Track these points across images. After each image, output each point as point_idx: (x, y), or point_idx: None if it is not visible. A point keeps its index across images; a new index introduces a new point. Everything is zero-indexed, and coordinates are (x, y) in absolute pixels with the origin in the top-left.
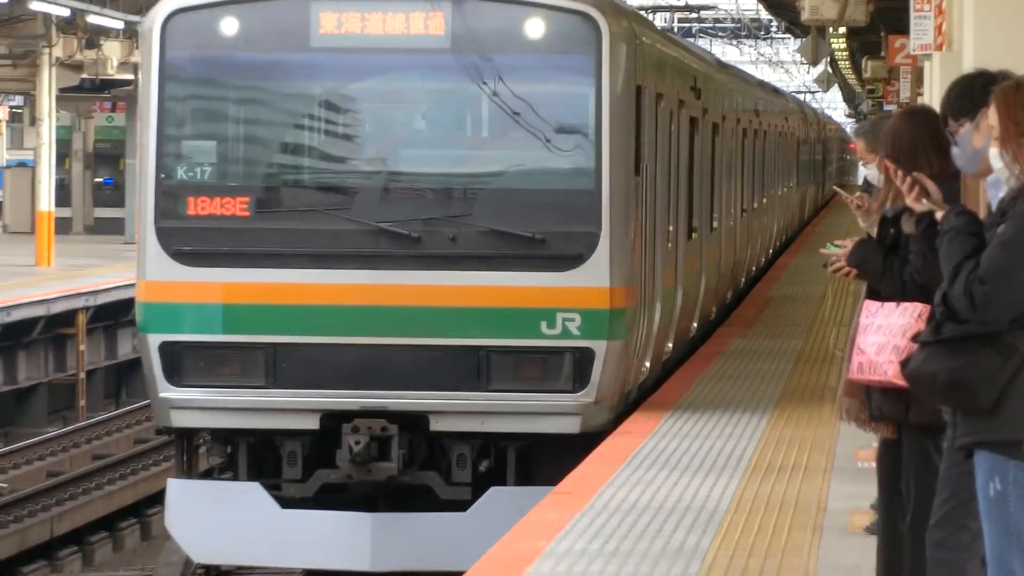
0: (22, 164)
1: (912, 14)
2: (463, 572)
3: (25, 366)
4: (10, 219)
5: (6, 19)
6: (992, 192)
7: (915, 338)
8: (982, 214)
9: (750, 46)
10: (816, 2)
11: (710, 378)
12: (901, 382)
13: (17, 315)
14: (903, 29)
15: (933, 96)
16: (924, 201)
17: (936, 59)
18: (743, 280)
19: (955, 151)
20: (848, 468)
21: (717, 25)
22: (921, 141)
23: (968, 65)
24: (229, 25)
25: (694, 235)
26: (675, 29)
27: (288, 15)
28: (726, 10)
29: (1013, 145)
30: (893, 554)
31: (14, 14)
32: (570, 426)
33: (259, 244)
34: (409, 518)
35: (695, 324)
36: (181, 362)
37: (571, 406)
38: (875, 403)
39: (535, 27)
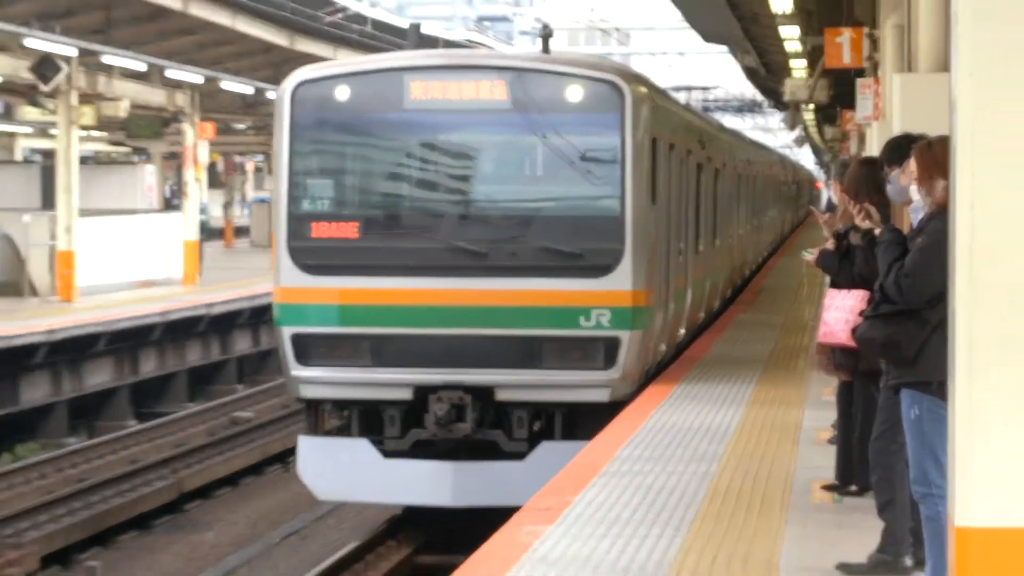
0: (262, 200)
1: (858, 95)
2: (520, 507)
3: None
4: (255, 237)
5: (251, 103)
6: (913, 215)
7: (861, 314)
8: (906, 230)
9: (748, 117)
10: (793, 87)
11: (724, 340)
12: (852, 344)
13: (259, 302)
14: (852, 105)
15: (873, 151)
16: (867, 221)
17: (875, 126)
18: (739, 281)
19: (889, 187)
20: (816, 401)
21: (727, 103)
22: (865, 181)
23: (897, 130)
24: (342, 92)
25: (700, 249)
26: (698, 104)
27: (387, 84)
28: (733, 94)
29: (926, 184)
30: (846, 458)
31: (256, 99)
32: (602, 396)
33: (366, 259)
34: (480, 466)
35: (702, 314)
36: (307, 348)
37: (603, 381)
38: (836, 358)
39: (575, 92)
